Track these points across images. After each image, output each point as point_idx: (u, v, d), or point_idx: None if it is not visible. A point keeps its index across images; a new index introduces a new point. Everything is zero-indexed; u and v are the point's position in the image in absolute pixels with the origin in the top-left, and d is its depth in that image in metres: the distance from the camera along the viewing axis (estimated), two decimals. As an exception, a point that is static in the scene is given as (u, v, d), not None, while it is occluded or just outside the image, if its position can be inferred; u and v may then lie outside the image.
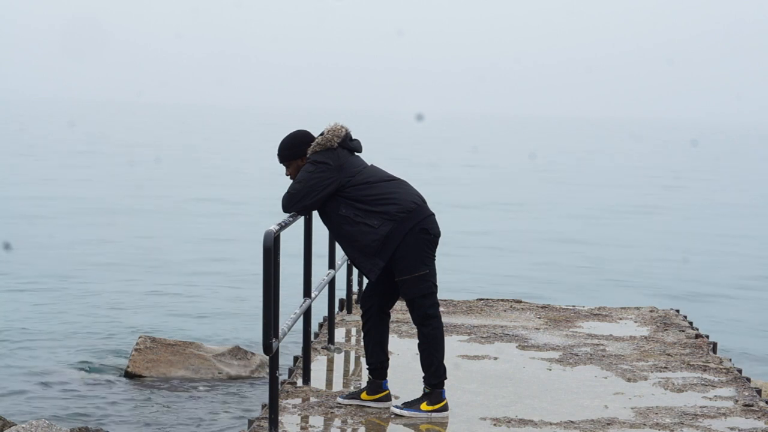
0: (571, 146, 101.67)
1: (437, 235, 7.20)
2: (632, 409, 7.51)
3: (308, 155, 7.14)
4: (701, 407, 7.58)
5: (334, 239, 8.34)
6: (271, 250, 6.36)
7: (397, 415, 7.21)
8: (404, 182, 7.28)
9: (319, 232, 7.60)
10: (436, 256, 7.22)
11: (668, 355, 9.18)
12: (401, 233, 7.06)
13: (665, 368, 8.68)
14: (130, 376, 12.96)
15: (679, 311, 11.29)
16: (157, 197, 36.80)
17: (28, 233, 26.26)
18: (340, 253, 8.46)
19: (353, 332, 9.83)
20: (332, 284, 9.04)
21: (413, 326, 8.33)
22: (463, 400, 7.58)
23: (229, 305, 18.29)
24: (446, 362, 7.27)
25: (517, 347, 9.36)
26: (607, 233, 30.67)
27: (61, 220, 29.57)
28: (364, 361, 7.99)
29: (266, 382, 11.29)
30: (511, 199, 40.62)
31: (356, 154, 7.25)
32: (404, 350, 8.94)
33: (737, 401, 7.76)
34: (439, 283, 7.23)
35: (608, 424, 7.14)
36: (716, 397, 7.89)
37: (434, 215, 7.24)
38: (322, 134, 7.18)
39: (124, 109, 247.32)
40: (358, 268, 7.20)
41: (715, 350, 9.47)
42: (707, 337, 9.97)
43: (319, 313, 9.97)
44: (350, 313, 10.54)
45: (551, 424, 7.11)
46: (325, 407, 7.33)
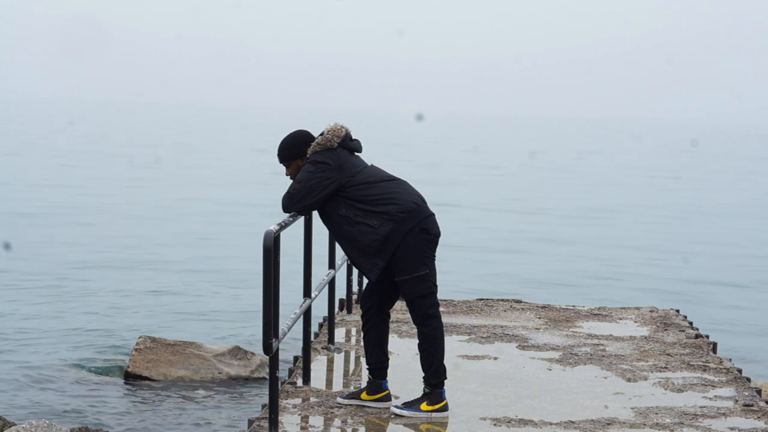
0: (571, 146, 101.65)
1: (437, 235, 7.20)
2: (632, 409, 7.51)
3: (308, 155, 7.14)
4: (701, 407, 7.58)
5: (334, 239, 8.34)
6: (271, 250, 6.37)
7: (397, 415, 7.21)
8: (404, 182, 7.28)
9: (319, 232, 7.60)
10: (436, 256, 7.23)
11: (668, 355, 9.18)
12: (401, 233, 7.05)
13: (665, 368, 8.68)
14: (130, 376, 12.96)
15: (679, 311, 11.29)
16: (156, 197, 36.79)
17: (27, 233, 26.26)
18: (340, 253, 8.46)
19: (353, 332, 9.83)
20: (332, 284, 9.04)
21: (413, 326, 8.32)
22: (463, 400, 7.58)
23: (229, 305, 18.28)
24: (446, 362, 7.27)
25: (517, 347, 9.36)
26: (607, 233, 30.66)
27: (60, 220, 29.56)
28: (364, 361, 7.99)
29: (266, 382, 11.31)
30: (511, 199, 40.61)
31: (356, 154, 7.25)
32: (404, 350, 8.94)
33: (737, 401, 7.76)
34: (439, 283, 7.23)
35: (608, 424, 7.14)
36: (716, 397, 7.89)
37: (434, 215, 7.24)
38: (322, 134, 7.18)
39: (124, 109, 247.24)
40: (358, 268, 7.20)
41: (715, 350, 9.47)
42: (707, 337, 9.97)
43: (319, 313, 9.98)
44: (350, 313, 10.54)
45: (551, 424, 7.11)
46: (325, 407, 7.33)
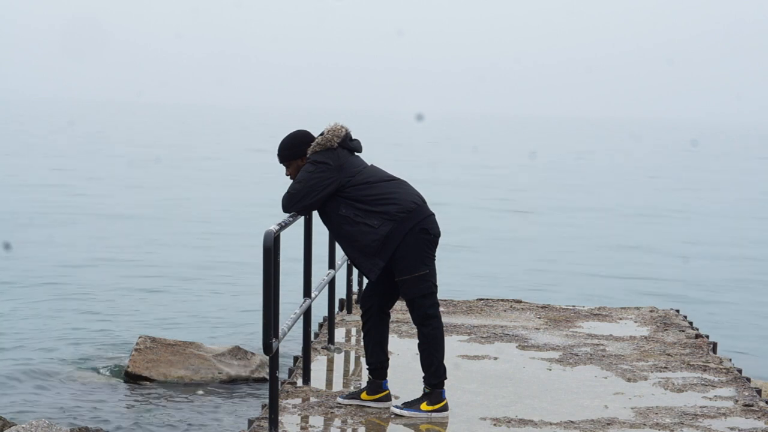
0: (571, 146, 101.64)
1: (437, 235, 7.20)
2: (632, 409, 7.51)
3: (308, 155, 7.14)
4: (701, 407, 7.58)
5: (334, 239, 8.34)
6: (271, 250, 6.37)
7: (397, 415, 7.21)
8: (404, 182, 7.28)
9: (319, 232, 7.60)
10: (435, 256, 7.23)
11: (668, 355, 9.18)
12: (401, 233, 7.05)
13: (665, 368, 8.68)
14: (130, 376, 12.95)
15: (679, 311, 11.29)
16: (156, 197, 36.78)
17: (27, 233, 26.25)
18: (340, 253, 8.46)
19: (353, 332, 9.83)
20: (332, 284, 9.04)
21: (413, 326, 8.32)
22: (463, 400, 7.58)
23: (229, 305, 18.28)
24: (446, 362, 7.27)
25: (517, 347, 9.36)
26: (606, 233, 30.67)
27: (60, 219, 29.56)
28: (364, 361, 7.99)
29: (266, 382, 11.30)
30: (510, 199, 40.60)
31: (356, 154, 7.25)
32: (404, 350, 8.94)
33: (737, 401, 7.76)
34: (439, 283, 7.23)
35: (608, 424, 7.14)
36: (716, 397, 7.89)
37: (434, 215, 7.24)
38: (322, 134, 7.18)
39: (124, 109, 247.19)
40: (358, 268, 7.20)
41: (715, 350, 9.47)
42: (707, 337, 9.97)
43: (319, 313, 9.98)
44: (350, 313, 10.54)
45: (551, 424, 7.11)
46: (325, 407, 7.33)
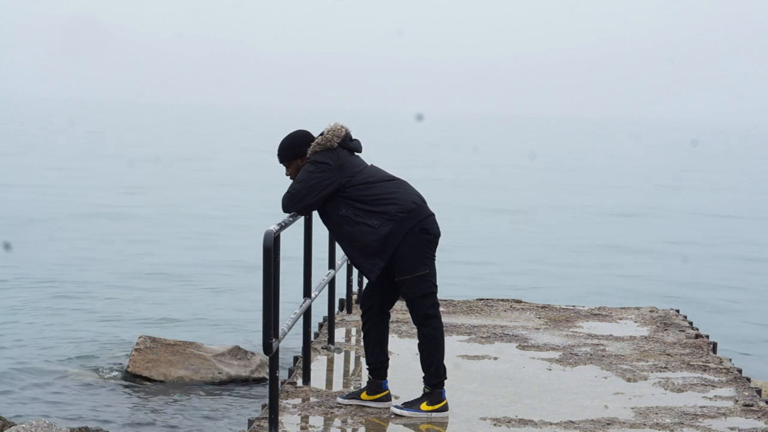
0: (571, 146, 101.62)
1: (437, 235, 7.19)
2: (632, 409, 7.51)
3: (308, 155, 7.14)
4: (701, 407, 7.58)
5: (334, 239, 8.34)
6: (271, 250, 6.36)
7: (397, 415, 7.21)
8: (404, 182, 7.28)
9: (319, 232, 7.60)
10: (435, 256, 7.23)
11: (668, 355, 9.18)
12: (401, 233, 7.05)
13: (665, 368, 8.68)
14: (130, 376, 12.96)
15: (679, 311, 11.29)
16: (156, 197, 36.78)
17: (27, 233, 26.26)
18: (340, 253, 8.45)
19: (353, 332, 9.83)
20: (332, 284, 9.04)
21: (413, 326, 8.32)
22: (463, 400, 7.58)
23: (228, 305, 18.28)
24: (446, 362, 7.27)
25: (517, 347, 9.36)
26: (606, 233, 30.66)
27: (60, 219, 29.56)
28: (364, 361, 7.99)
29: (266, 382, 11.30)
30: (510, 199, 40.60)
31: (356, 154, 7.25)
32: (404, 350, 8.94)
33: (737, 401, 7.75)
34: (438, 283, 7.23)
35: (608, 424, 7.14)
36: (716, 397, 7.89)
37: (434, 215, 7.24)
38: (322, 134, 7.18)
39: (124, 109, 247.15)
40: (358, 268, 7.20)
41: (715, 350, 9.47)
42: (707, 337, 9.97)
43: (319, 313, 9.97)
44: (350, 313, 10.54)
45: (551, 424, 7.11)
46: (325, 407, 7.33)
